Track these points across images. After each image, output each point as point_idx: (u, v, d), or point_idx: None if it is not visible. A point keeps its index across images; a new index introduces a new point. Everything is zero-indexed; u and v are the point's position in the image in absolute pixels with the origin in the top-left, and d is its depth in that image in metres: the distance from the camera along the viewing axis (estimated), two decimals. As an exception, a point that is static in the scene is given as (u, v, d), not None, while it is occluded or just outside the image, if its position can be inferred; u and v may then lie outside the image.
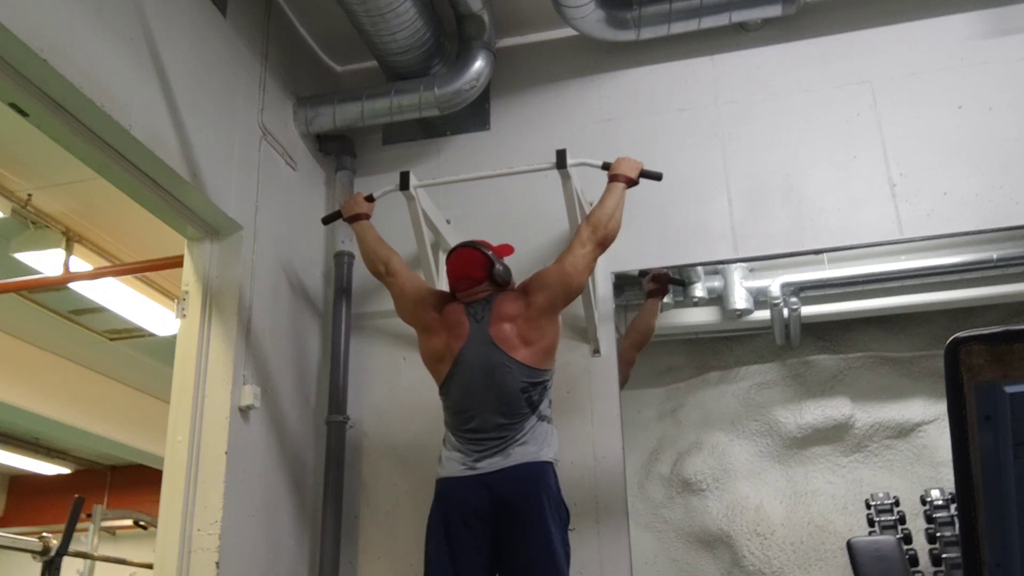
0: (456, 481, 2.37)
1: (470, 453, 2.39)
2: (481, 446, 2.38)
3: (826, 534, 3.67)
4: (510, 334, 2.44)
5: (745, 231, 3.08)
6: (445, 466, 2.42)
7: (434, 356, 2.55)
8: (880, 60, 3.17)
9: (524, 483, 2.32)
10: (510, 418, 2.38)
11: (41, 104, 2.18)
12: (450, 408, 2.50)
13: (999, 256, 3.32)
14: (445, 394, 2.51)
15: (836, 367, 3.92)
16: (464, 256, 2.57)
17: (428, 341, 2.57)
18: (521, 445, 2.36)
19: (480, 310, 2.49)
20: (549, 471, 2.37)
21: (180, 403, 2.72)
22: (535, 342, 2.44)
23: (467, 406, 2.43)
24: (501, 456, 2.35)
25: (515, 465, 2.33)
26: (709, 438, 3.94)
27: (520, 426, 2.38)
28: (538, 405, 2.43)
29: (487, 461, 2.36)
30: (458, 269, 2.57)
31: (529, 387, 2.42)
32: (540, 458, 2.36)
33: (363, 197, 2.90)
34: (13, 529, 5.57)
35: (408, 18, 3.00)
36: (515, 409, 2.39)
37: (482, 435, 2.39)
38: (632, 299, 3.43)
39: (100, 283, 4.89)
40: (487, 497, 2.31)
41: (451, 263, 2.59)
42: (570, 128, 3.37)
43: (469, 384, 2.43)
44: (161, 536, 2.59)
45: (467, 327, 2.47)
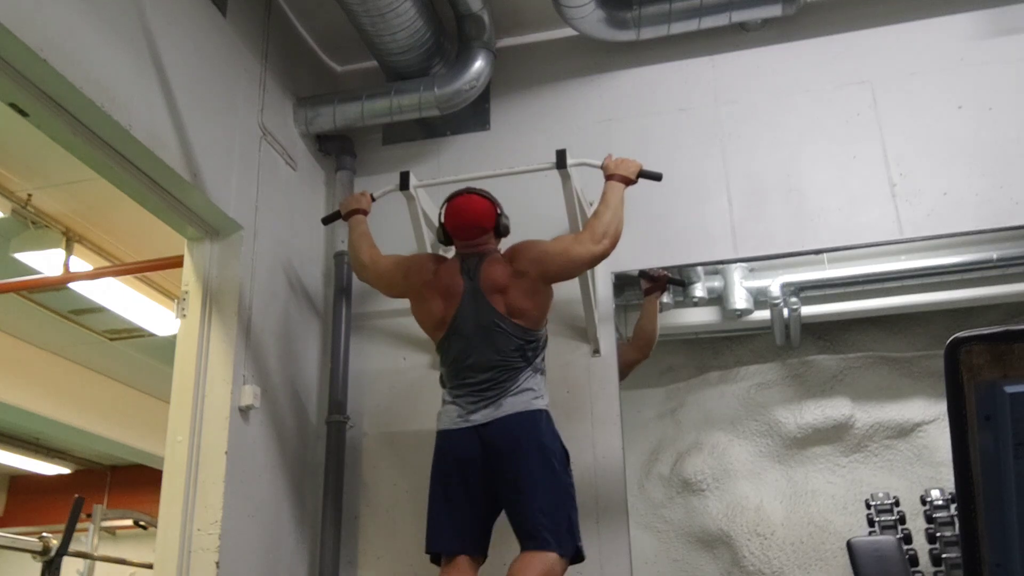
0: (452, 433, 2.44)
1: (465, 405, 2.44)
2: (475, 398, 2.43)
3: (826, 534, 3.67)
4: (503, 303, 2.45)
5: (745, 231, 3.08)
6: (442, 419, 2.49)
7: (431, 320, 2.55)
8: (880, 60, 3.17)
9: (516, 432, 2.37)
10: (505, 372, 2.43)
11: (41, 104, 2.18)
12: (446, 363, 2.53)
13: (999, 256, 3.32)
14: (442, 351, 2.54)
15: (836, 367, 3.92)
16: (474, 203, 2.54)
17: (423, 305, 2.57)
18: (513, 395, 2.41)
19: (473, 266, 2.50)
20: (541, 418, 2.42)
21: (180, 403, 2.71)
22: (527, 309, 2.46)
23: (463, 362, 2.46)
24: (494, 407, 2.40)
25: (507, 415, 2.38)
26: (709, 438, 3.94)
27: (514, 377, 2.43)
28: (533, 359, 2.48)
29: (481, 413, 2.40)
30: (467, 217, 2.52)
31: (524, 344, 2.45)
32: (532, 407, 2.41)
33: (362, 195, 2.91)
34: (13, 529, 5.56)
35: (408, 18, 3.00)
36: (510, 364, 2.43)
37: (477, 388, 2.43)
38: (632, 299, 3.43)
39: (100, 283, 4.89)
40: (480, 447, 2.38)
41: (456, 210, 2.54)
42: (570, 128, 3.37)
43: (466, 341, 2.46)
44: (161, 536, 2.59)
45: (461, 285, 2.49)
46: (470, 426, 2.40)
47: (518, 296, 2.45)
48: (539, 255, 2.49)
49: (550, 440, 2.40)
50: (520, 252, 2.51)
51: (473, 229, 2.52)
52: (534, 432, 2.37)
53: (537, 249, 2.51)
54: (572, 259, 2.48)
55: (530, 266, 2.47)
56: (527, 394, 2.42)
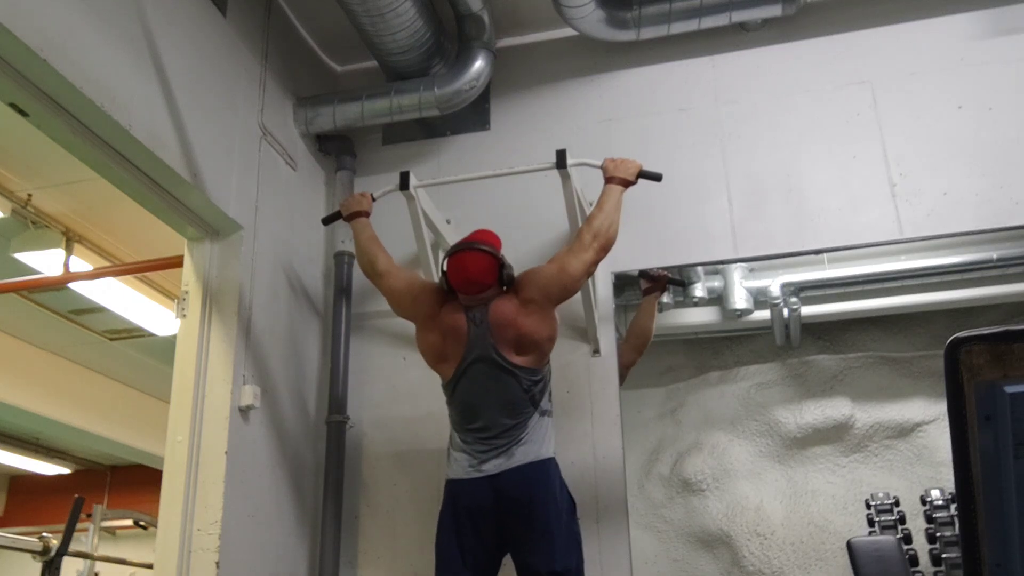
0: (464, 483, 2.44)
1: (475, 454, 2.45)
2: (486, 446, 2.44)
3: (826, 534, 3.67)
4: (510, 339, 2.44)
5: (745, 231, 3.08)
6: (453, 468, 2.49)
7: (434, 354, 2.55)
8: (880, 60, 3.17)
9: (528, 483, 2.39)
10: (515, 418, 2.43)
11: (41, 104, 2.18)
12: (456, 410, 2.53)
13: (999, 256, 3.32)
14: (450, 397, 2.54)
15: (836, 367, 3.92)
16: (474, 261, 2.49)
17: (426, 336, 2.57)
18: (524, 445, 2.42)
19: (479, 314, 2.47)
20: (551, 467, 2.44)
21: (180, 403, 2.71)
22: (534, 344, 2.45)
23: (473, 411, 2.47)
24: (505, 457, 2.41)
25: (518, 466, 2.40)
26: (709, 438, 3.95)
27: (524, 425, 2.44)
28: (539, 401, 2.49)
29: (492, 463, 2.41)
30: (469, 274, 2.48)
31: (531, 386, 2.46)
32: (541, 456, 2.43)
33: (362, 196, 2.91)
34: (13, 529, 5.56)
35: (408, 18, 3.00)
36: (519, 411, 2.44)
37: (487, 436, 2.44)
38: (632, 299, 3.43)
39: (100, 283, 4.89)
40: (493, 497, 2.39)
41: (458, 267, 2.49)
42: (570, 128, 3.37)
43: (475, 391, 2.46)
44: (161, 536, 2.59)
45: (466, 331, 2.47)
46: (482, 476, 2.40)
47: (530, 324, 2.44)
48: (541, 280, 2.49)
49: (560, 491, 2.44)
50: (523, 282, 2.51)
51: (475, 286, 2.49)
52: (546, 483, 2.40)
53: (538, 275, 2.51)
54: (570, 274, 2.47)
55: (536, 293, 2.46)
56: (536, 444, 2.43)
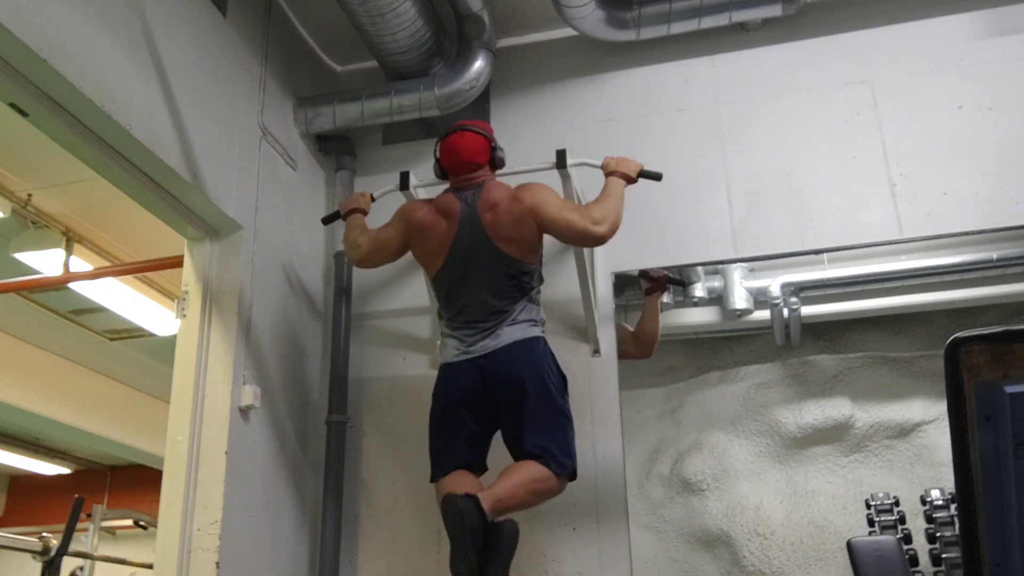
0: (453, 366, 2.49)
1: (464, 338, 2.50)
2: (473, 329, 2.48)
3: (826, 534, 3.67)
4: (498, 225, 2.47)
5: (745, 231, 3.08)
6: (444, 352, 2.55)
7: (430, 249, 2.57)
8: (880, 60, 3.17)
9: (516, 362, 2.43)
10: (500, 302, 2.47)
11: (41, 104, 2.18)
12: (442, 296, 2.58)
13: (999, 256, 3.32)
14: (438, 284, 2.58)
15: (836, 367, 3.91)
16: (467, 141, 2.58)
17: (424, 244, 2.59)
18: (510, 325, 2.46)
19: (471, 195, 2.54)
20: (538, 346, 2.48)
21: (180, 403, 2.71)
22: (519, 239, 2.48)
23: (458, 293, 2.51)
24: (492, 338, 2.45)
25: (505, 345, 2.44)
26: (709, 438, 3.94)
27: (510, 308, 2.48)
28: (528, 290, 2.52)
29: (479, 344, 2.46)
30: (462, 154, 2.57)
31: (518, 274, 2.49)
32: (529, 335, 2.47)
33: (362, 195, 2.91)
34: (13, 529, 5.57)
35: (408, 18, 3.00)
36: (505, 294, 2.48)
37: (474, 319, 2.49)
38: (632, 299, 3.43)
39: (100, 283, 4.89)
40: (481, 377, 2.44)
41: (451, 148, 2.58)
42: (570, 128, 3.37)
43: (461, 272, 2.50)
44: (161, 536, 2.59)
45: (458, 211, 2.52)
46: (470, 358, 2.46)
47: (506, 218, 2.47)
48: (541, 196, 2.51)
49: (548, 367, 2.47)
50: (525, 186, 2.56)
51: (469, 165, 2.57)
52: (533, 360, 2.44)
53: (542, 191, 2.53)
54: (567, 219, 2.47)
55: (528, 197, 2.50)
56: (523, 324, 2.47)
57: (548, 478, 2.34)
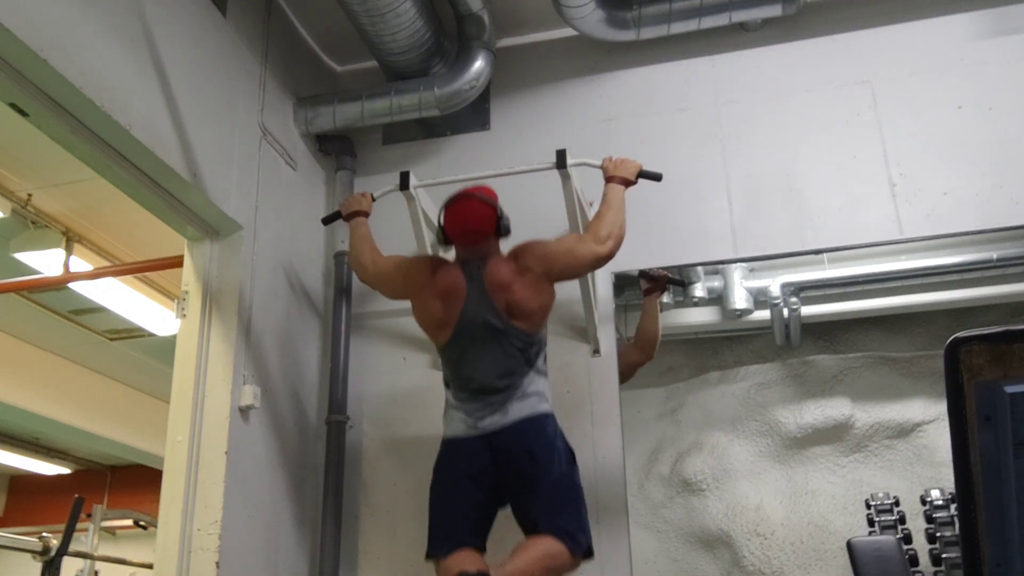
0: (461, 441, 2.43)
1: (471, 412, 2.43)
2: (481, 403, 2.43)
3: (826, 534, 3.67)
4: (514, 303, 2.44)
5: (745, 231, 3.08)
6: (449, 426, 2.48)
7: (433, 321, 2.55)
8: (880, 60, 3.17)
9: (525, 438, 2.38)
10: (509, 377, 2.43)
11: (41, 104, 2.18)
12: (449, 367, 2.53)
13: (999, 256, 3.31)
14: (445, 355, 2.54)
15: (836, 367, 3.91)
16: (473, 209, 2.50)
17: (423, 305, 2.56)
18: (519, 401, 2.41)
19: (476, 268, 2.49)
20: (548, 421, 2.43)
21: (180, 403, 2.71)
22: (531, 308, 2.46)
23: (468, 367, 2.46)
24: (500, 414, 2.40)
25: (515, 421, 2.39)
26: (709, 438, 3.94)
27: (519, 382, 2.43)
28: (535, 361, 2.48)
29: (488, 420, 2.40)
30: (468, 223, 2.49)
31: (527, 347, 2.46)
32: (537, 411, 2.42)
33: (362, 196, 2.91)
34: (13, 529, 5.57)
35: (408, 18, 3.00)
36: (514, 367, 2.44)
37: (482, 394, 2.43)
38: (632, 299, 3.43)
39: (100, 283, 4.89)
40: (490, 455, 2.38)
41: (457, 215, 2.50)
42: (570, 128, 3.37)
43: (470, 348, 2.46)
44: (161, 536, 2.59)
45: (464, 287, 2.48)
46: (479, 434, 2.40)
47: (522, 293, 2.44)
48: (544, 253, 2.49)
49: (558, 443, 2.42)
50: (525, 250, 2.51)
51: (474, 235, 2.50)
52: (543, 437, 2.39)
53: (542, 247, 2.51)
54: (577, 258, 2.48)
55: (535, 263, 2.47)
56: (532, 398, 2.42)
57: (562, 554, 2.28)
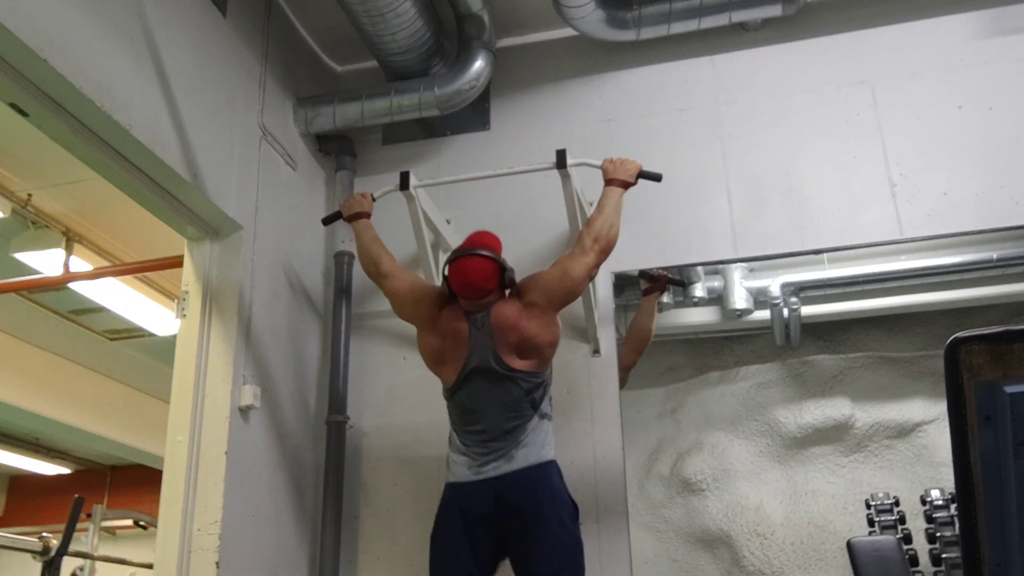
0: (464, 486, 2.43)
1: (476, 457, 2.44)
2: (486, 449, 2.43)
3: (826, 534, 3.67)
4: (512, 343, 2.44)
5: (745, 231, 3.08)
6: (453, 471, 2.48)
7: (434, 357, 2.56)
8: (880, 60, 3.17)
9: (529, 486, 2.37)
10: (514, 422, 2.43)
11: (41, 104, 2.18)
12: (457, 413, 2.53)
13: (999, 256, 3.32)
14: (452, 400, 2.53)
15: (836, 367, 3.91)
16: (476, 267, 2.49)
17: (427, 339, 2.58)
18: (524, 448, 2.41)
19: (481, 318, 2.48)
20: (552, 470, 2.43)
21: (180, 403, 2.71)
22: (535, 348, 2.46)
23: (474, 414, 2.47)
24: (505, 460, 2.40)
25: (519, 469, 2.38)
26: (709, 438, 3.94)
27: (523, 428, 2.43)
28: (540, 404, 2.48)
29: (492, 465, 2.40)
30: (471, 280, 2.48)
31: (532, 389, 2.46)
32: (542, 459, 2.42)
33: (362, 196, 2.91)
34: (13, 529, 5.57)
35: (408, 18, 3.00)
36: (520, 413, 2.44)
37: (487, 439, 2.43)
38: (632, 299, 3.43)
39: (100, 283, 4.89)
40: (493, 501, 2.37)
41: (460, 273, 2.50)
42: (570, 128, 3.37)
43: (475, 395, 2.46)
44: (161, 536, 2.59)
45: (467, 334, 2.47)
46: (482, 479, 2.40)
47: (531, 329, 2.44)
48: (544, 284, 2.50)
49: (562, 494, 2.42)
50: (526, 286, 2.52)
51: (478, 291, 2.49)
52: (547, 486, 2.39)
53: (541, 279, 2.52)
54: (572, 278, 2.48)
55: (538, 296, 2.47)
56: (537, 446, 2.42)
57: None
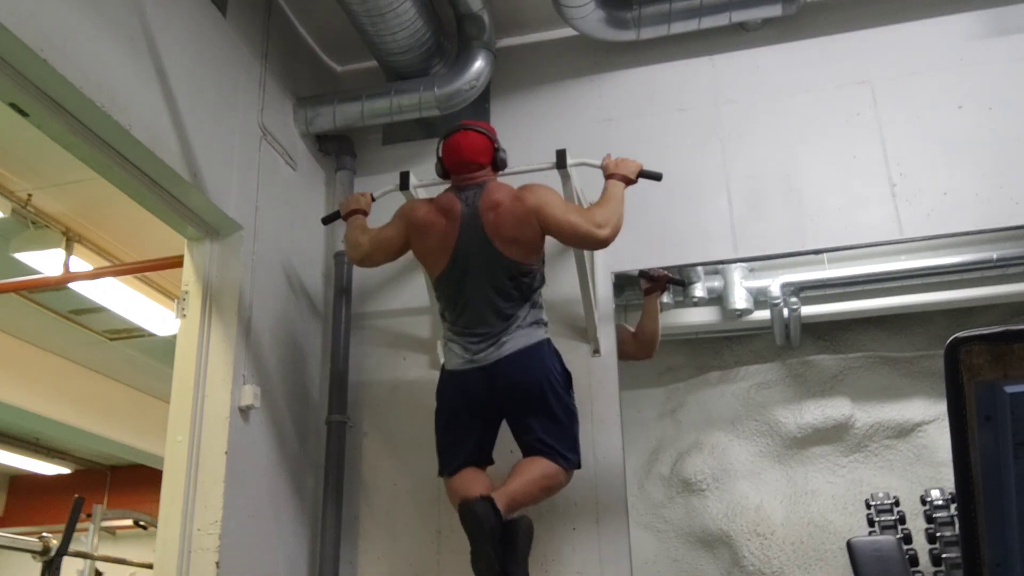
0: (458, 374, 2.51)
1: (468, 345, 2.50)
2: (477, 336, 2.49)
3: (826, 534, 3.67)
4: (500, 225, 2.47)
5: (745, 231, 3.08)
6: (448, 358, 2.56)
7: (434, 253, 2.57)
8: (880, 60, 3.17)
9: (521, 369, 2.46)
10: (503, 305, 2.48)
11: (41, 104, 2.18)
12: (444, 300, 2.59)
13: (999, 256, 3.32)
14: (440, 288, 2.59)
15: (836, 367, 3.91)
16: (469, 140, 2.58)
17: (424, 241, 2.60)
18: (513, 334, 2.47)
19: (472, 195, 2.53)
20: (544, 350, 2.51)
21: (180, 403, 2.71)
22: (521, 239, 2.49)
23: (461, 297, 2.52)
24: (496, 347, 2.47)
25: (510, 354, 2.45)
26: (709, 438, 3.94)
27: (513, 316, 2.49)
28: (530, 294, 2.53)
29: (484, 353, 2.47)
30: (463, 154, 2.57)
31: (519, 276, 2.49)
32: (532, 340, 2.49)
33: (362, 196, 2.91)
34: (13, 529, 5.56)
35: (408, 18, 3.00)
36: (508, 297, 2.49)
37: (478, 325, 2.49)
38: (632, 299, 3.43)
39: (100, 283, 4.89)
40: (488, 386, 2.47)
41: (453, 146, 2.58)
42: (570, 128, 3.37)
43: (464, 279, 2.51)
44: (161, 536, 2.59)
45: (459, 212, 2.52)
46: (476, 366, 2.47)
47: (507, 217, 2.47)
48: (544, 197, 2.52)
49: (554, 368, 2.50)
50: (528, 186, 2.56)
51: (471, 164, 2.57)
52: (539, 365, 2.47)
53: (546, 191, 2.54)
54: (571, 222, 2.48)
55: (531, 197, 2.50)
56: (528, 328, 2.49)
57: (557, 473, 2.46)
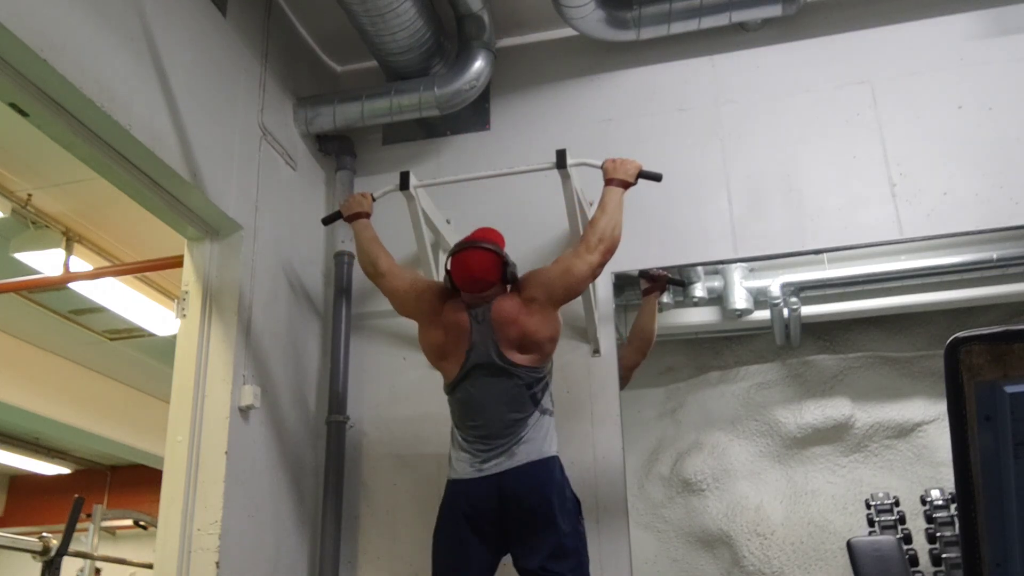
0: (467, 483, 2.42)
1: (477, 454, 2.44)
2: (488, 445, 2.43)
3: (826, 534, 3.67)
4: (512, 338, 2.44)
5: (745, 231, 3.08)
6: (455, 467, 2.48)
7: (436, 352, 2.56)
8: (880, 60, 3.17)
9: (531, 482, 2.37)
10: (516, 415, 2.43)
11: (41, 104, 2.18)
12: (458, 409, 2.53)
13: (999, 256, 3.32)
14: (453, 395, 2.53)
15: (836, 367, 3.91)
16: (478, 259, 2.50)
17: (429, 334, 2.57)
18: (526, 443, 2.41)
19: (482, 312, 2.48)
20: (554, 465, 2.43)
21: (180, 403, 2.71)
22: (535, 344, 2.45)
23: (474, 409, 2.47)
24: (507, 456, 2.40)
25: (521, 465, 2.38)
26: (709, 438, 3.94)
27: (524, 423, 2.43)
28: (540, 400, 2.48)
29: (494, 462, 2.40)
30: (473, 272, 2.49)
31: (533, 383, 2.46)
32: (544, 454, 2.42)
33: (362, 196, 2.91)
34: (13, 529, 5.56)
35: (408, 18, 3.00)
36: (521, 407, 2.44)
37: (488, 435, 2.43)
38: (632, 299, 3.43)
39: (100, 283, 4.89)
40: (497, 498, 2.37)
41: (461, 265, 2.51)
42: (570, 128, 3.37)
43: (476, 390, 2.46)
44: (161, 536, 2.59)
45: (469, 329, 2.47)
46: (485, 476, 2.39)
47: (531, 324, 2.44)
48: (545, 280, 2.49)
49: (565, 489, 2.42)
50: (527, 281, 2.52)
51: (479, 284, 2.50)
52: (550, 481, 2.38)
53: (542, 275, 2.52)
54: (575, 275, 2.47)
55: (538, 291, 2.47)
56: (538, 441, 2.42)
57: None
